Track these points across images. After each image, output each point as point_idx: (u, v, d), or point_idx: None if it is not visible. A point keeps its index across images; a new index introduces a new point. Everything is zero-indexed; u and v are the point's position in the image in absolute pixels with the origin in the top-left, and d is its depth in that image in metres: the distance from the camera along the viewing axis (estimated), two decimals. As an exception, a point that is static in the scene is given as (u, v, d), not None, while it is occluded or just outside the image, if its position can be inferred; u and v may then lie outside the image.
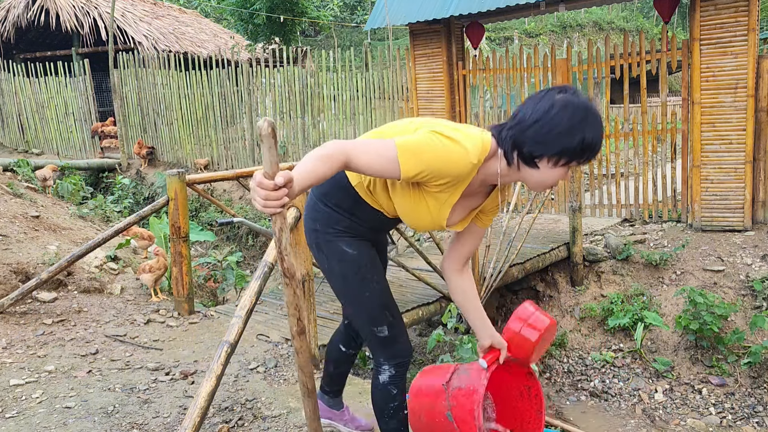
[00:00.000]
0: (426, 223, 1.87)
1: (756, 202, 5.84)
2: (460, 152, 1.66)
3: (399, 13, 7.33)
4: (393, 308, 2.12)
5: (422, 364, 5.31)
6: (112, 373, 3.28)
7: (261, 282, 2.70)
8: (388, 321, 2.07)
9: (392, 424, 2.19)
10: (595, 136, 1.65)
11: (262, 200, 1.41)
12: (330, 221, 2.01)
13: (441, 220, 1.84)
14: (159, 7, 15.60)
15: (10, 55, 13.95)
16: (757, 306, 5.08)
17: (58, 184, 8.14)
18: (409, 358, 2.16)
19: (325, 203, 2.02)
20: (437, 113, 7.65)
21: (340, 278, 2.08)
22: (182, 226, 4.13)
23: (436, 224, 1.86)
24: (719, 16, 5.63)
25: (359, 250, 2.03)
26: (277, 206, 1.42)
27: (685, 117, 6.14)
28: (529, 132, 1.64)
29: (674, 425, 4.56)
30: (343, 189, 1.96)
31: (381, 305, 2.06)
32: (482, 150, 1.70)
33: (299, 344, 1.77)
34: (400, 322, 2.15)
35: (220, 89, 10.36)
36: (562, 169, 1.68)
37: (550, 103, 1.63)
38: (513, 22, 21.62)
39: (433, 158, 1.65)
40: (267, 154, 1.39)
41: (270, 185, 1.39)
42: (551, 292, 6.06)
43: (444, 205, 1.80)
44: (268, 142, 1.38)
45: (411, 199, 1.82)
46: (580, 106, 1.63)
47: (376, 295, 2.06)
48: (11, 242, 4.63)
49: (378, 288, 2.06)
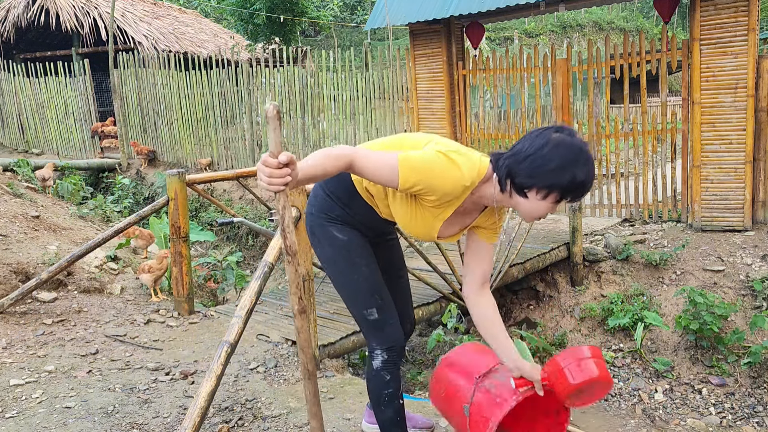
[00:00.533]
0: (418, 232, 1.99)
1: (756, 202, 5.84)
2: (456, 174, 1.78)
3: (399, 13, 7.33)
4: (383, 293, 2.17)
5: (422, 364, 5.31)
6: (112, 373, 3.28)
7: (261, 282, 2.70)
8: (377, 304, 2.13)
9: (388, 413, 2.21)
10: (586, 176, 1.73)
11: (266, 177, 1.50)
12: (324, 207, 2.13)
13: (432, 232, 1.96)
14: (159, 7, 15.60)
15: (10, 55, 13.95)
16: (757, 306, 5.08)
17: (58, 184, 8.14)
18: (400, 344, 2.19)
19: (324, 190, 2.15)
20: (437, 113, 7.65)
21: (332, 262, 2.17)
22: (182, 226, 4.13)
23: (428, 235, 1.98)
24: (719, 16, 5.63)
25: (349, 236, 2.12)
26: (280, 183, 1.51)
27: (685, 117, 6.14)
28: (522, 164, 1.74)
29: (674, 425, 4.56)
30: (343, 181, 2.07)
31: (370, 288, 2.13)
32: (477, 174, 1.82)
33: (300, 323, 1.80)
34: (391, 308, 2.18)
35: (220, 89, 10.36)
36: (550, 204, 1.77)
37: (546, 140, 1.73)
38: (513, 22, 21.62)
39: (430, 175, 1.77)
40: (272, 135, 1.49)
41: (274, 163, 1.50)
42: (551, 292, 6.06)
43: (437, 219, 1.92)
44: (273, 123, 1.47)
45: (408, 209, 1.94)
46: (573, 147, 1.72)
47: (365, 278, 2.13)
48: (11, 242, 4.63)
49: (367, 271, 2.13)
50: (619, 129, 6.88)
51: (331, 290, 4.41)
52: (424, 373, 4.89)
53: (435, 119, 7.66)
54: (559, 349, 5.56)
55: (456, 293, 4.61)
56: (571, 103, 7.13)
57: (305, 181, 1.65)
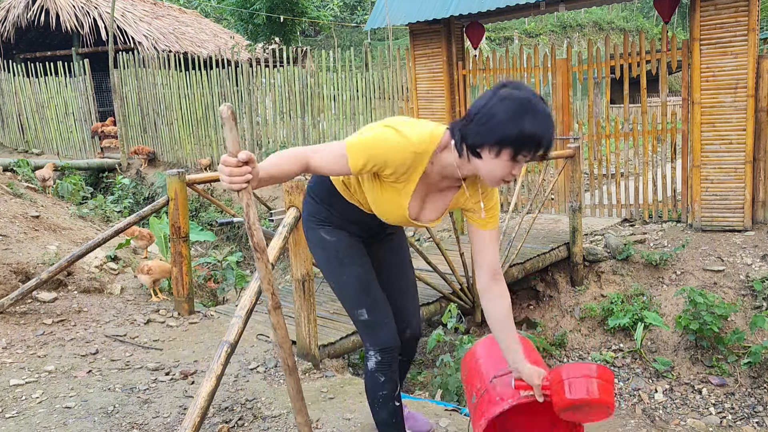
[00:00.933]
0: (390, 213, 1.97)
1: (756, 202, 5.84)
2: (401, 142, 1.77)
3: (399, 13, 7.33)
4: (374, 293, 2.16)
5: (422, 364, 5.31)
6: (112, 373, 3.28)
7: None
8: (366, 304, 2.13)
9: (383, 415, 2.20)
10: (536, 128, 1.65)
11: (227, 177, 1.54)
12: (312, 211, 2.18)
13: (402, 210, 1.94)
14: (159, 7, 15.60)
15: (10, 55, 13.95)
16: (757, 306, 5.08)
17: (58, 184, 8.14)
18: (393, 346, 2.16)
19: (310, 194, 2.20)
20: (437, 113, 7.65)
21: (323, 264, 2.20)
22: (182, 226, 4.13)
23: (400, 215, 1.95)
24: (719, 16, 5.63)
25: (338, 237, 2.15)
26: (241, 181, 1.55)
27: (685, 117, 6.14)
28: (472, 124, 1.72)
29: (674, 425, 4.56)
30: (323, 182, 2.12)
31: (359, 288, 2.13)
32: (430, 140, 1.80)
33: (276, 319, 1.79)
34: (384, 308, 2.17)
35: (220, 89, 10.36)
36: (506, 161, 1.70)
37: (491, 95, 1.71)
38: (513, 22, 21.63)
39: (379, 150, 1.78)
40: (229, 135, 1.51)
41: (234, 162, 1.53)
42: (551, 292, 6.06)
43: (402, 195, 1.90)
44: (229, 123, 1.50)
45: (375, 191, 1.94)
46: (519, 99, 1.67)
47: (355, 278, 2.14)
48: (11, 242, 4.63)
49: (357, 272, 2.14)
50: (619, 129, 6.88)
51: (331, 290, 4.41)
52: (424, 373, 4.89)
53: (435, 119, 7.66)
54: (559, 350, 5.56)
55: (456, 293, 4.60)
56: (571, 103, 7.14)
57: (268, 181, 1.69)
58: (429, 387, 4.38)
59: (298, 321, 3.40)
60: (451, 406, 3.23)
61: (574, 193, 5.81)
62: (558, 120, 7.07)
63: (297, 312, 3.37)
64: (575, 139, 6.17)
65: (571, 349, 5.56)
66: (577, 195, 5.80)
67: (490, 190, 1.99)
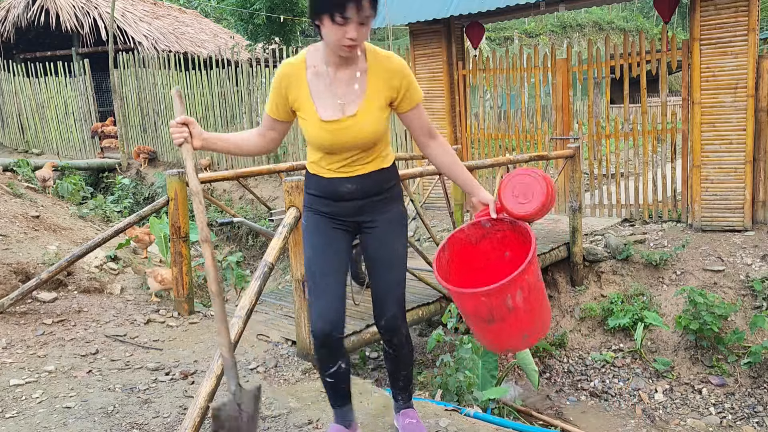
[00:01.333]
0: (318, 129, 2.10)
1: (756, 202, 5.84)
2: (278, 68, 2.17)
3: (399, 13, 7.33)
4: (318, 276, 2.19)
5: (422, 364, 5.31)
6: (112, 373, 3.28)
7: (261, 282, 2.70)
8: (309, 284, 2.24)
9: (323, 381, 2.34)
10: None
11: (172, 134, 2.07)
12: (304, 201, 2.37)
13: (317, 117, 2.10)
14: (159, 7, 15.60)
15: (10, 55, 13.95)
16: (757, 306, 5.08)
17: (58, 184, 8.13)
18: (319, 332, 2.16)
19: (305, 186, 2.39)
20: (437, 113, 7.65)
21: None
22: (182, 226, 4.12)
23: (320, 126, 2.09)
24: (719, 16, 5.63)
25: (309, 220, 2.30)
26: (179, 137, 2.07)
27: (685, 117, 6.14)
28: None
29: (674, 425, 4.56)
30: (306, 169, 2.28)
31: (309, 267, 2.25)
32: (295, 57, 2.15)
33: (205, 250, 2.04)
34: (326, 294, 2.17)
35: (220, 89, 10.36)
36: (335, 25, 1.93)
37: None
38: (513, 22, 21.63)
39: (272, 86, 2.16)
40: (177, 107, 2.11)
41: (174, 123, 2.07)
42: (551, 292, 6.06)
43: (307, 102, 2.12)
44: (177, 99, 2.11)
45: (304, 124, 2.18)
46: None
47: (308, 257, 2.28)
48: (11, 242, 4.63)
49: (309, 253, 2.26)
50: (619, 129, 6.88)
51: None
52: (424, 373, 4.89)
53: (435, 119, 7.66)
54: (559, 350, 5.56)
55: (456, 293, 4.59)
56: (571, 103, 7.13)
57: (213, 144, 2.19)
58: (429, 387, 4.38)
59: (298, 321, 3.40)
60: (451, 406, 3.23)
61: (574, 193, 5.81)
62: (558, 120, 7.07)
63: (297, 312, 3.37)
64: (575, 139, 6.18)
65: (571, 349, 5.57)
66: (577, 195, 5.80)
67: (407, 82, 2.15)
